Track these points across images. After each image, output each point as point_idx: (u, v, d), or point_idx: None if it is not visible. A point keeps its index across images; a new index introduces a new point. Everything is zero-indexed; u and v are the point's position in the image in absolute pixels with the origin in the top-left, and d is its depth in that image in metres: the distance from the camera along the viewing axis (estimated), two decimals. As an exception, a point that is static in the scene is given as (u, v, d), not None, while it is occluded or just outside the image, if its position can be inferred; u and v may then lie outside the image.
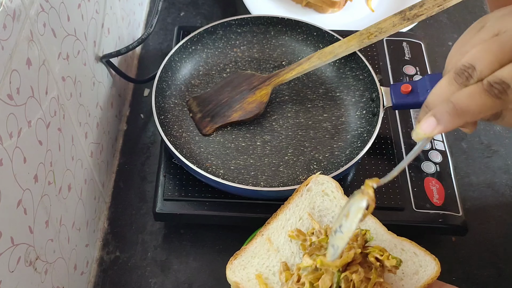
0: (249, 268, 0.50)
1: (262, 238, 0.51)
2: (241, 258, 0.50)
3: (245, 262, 0.50)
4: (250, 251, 0.51)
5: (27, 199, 0.44)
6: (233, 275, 0.49)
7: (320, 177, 0.53)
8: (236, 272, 0.50)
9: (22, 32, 0.43)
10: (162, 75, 0.70)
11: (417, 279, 0.49)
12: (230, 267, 0.50)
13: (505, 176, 0.74)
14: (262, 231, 0.52)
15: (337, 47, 0.69)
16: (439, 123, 0.40)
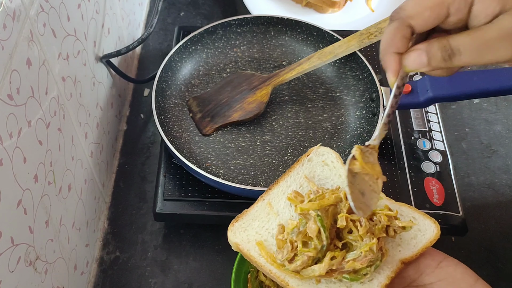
0: (249, 230, 0.51)
1: (263, 202, 0.52)
2: (242, 221, 0.51)
3: (245, 225, 0.51)
4: (251, 215, 0.52)
5: (27, 199, 0.44)
6: (234, 236, 0.50)
7: (321, 148, 0.54)
8: (237, 233, 0.50)
9: (22, 32, 0.43)
10: (162, 75, 0.70)
11: (414, 243, 0.49)
12: (232, 229, 0.51)
13: (505, 176, 0.74)
14: (263, 196, 0.52)
15: (337, 47, 0.69)
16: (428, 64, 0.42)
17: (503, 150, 0.77)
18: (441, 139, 0.70)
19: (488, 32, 0.40)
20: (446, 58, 0.41)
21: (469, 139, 0.78)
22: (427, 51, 0.42)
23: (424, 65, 0.42)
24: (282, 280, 0.47)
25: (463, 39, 0.41)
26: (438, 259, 0.49)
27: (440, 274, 0.48)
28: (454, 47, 0.41)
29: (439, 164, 0.67)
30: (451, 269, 0.49)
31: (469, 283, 0.48)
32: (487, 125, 0.79)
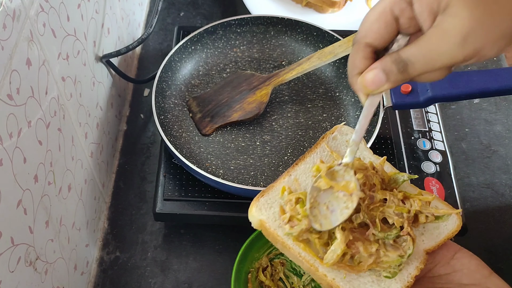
0: (275, 207, 0.48)
1: (290, 178, 0.50)
2: (267, 196, 0.49)
3: (271, 201, 0.49)
4: (277, 190, 0.49)
5: (27, 199, 0.44)
6: (259, 212, 0.48)
7: (344, 127, 0.54)
8: (262, 210, 0.48)
9: (22, 32, 0.43)
10: (162, 75, 0.70)
11: (437, 233, 0.49)
12: (257, 204, 0.48)
13: (505, 176, 0.74)
14: (289, 171, 0.51)
15: (337, 47, 0.69)
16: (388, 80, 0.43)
17: (503, 150, 0.77)
18: (441, 139, 0.70)
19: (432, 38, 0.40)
20: (401, 70, 0.42)
21: (469, 139, 0.78)
22: (382, 68, 0.42)
23: (383, 81, 0.43)
24: (311, 265, 0.46)
25: (411, 50, 0.41)
26: (453, 250, 0.50)
27: (456, 265, 0.49)
28: (405, 58, 0.41)
29: (439, 164, 0.67)
30: (466, 261, 0.49)
31: (484, 274, 0.48)
32: (487, 125, 0.79)
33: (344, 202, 0.46)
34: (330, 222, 0.46)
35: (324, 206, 0.46)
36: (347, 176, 0.47)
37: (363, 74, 0.44)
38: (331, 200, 0.46)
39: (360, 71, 0.44)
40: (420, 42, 0.41)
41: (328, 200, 0.47)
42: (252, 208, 0.48)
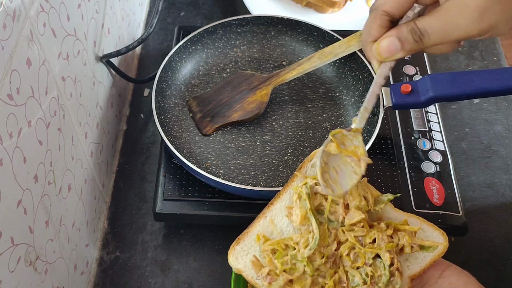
0: (252, 253, 0.47)
1: (265, 220, 0.49)
2: (243, 243, 0.48)
3: (248, 247, 0.48)
4: (252, 235, 0.48)
5: (27, 199, 0.44)
6: (236, 261, 0.47)
7: None
8: (239, 258, 0.47)
9: (22, 32, 0.43)
10: (162, 75, 0.70)
11: (422, 257, 0.48)
12: (233, 253, 0.48)
13: (505, 176, 0.74)
14: (265, 212, 0.50)
15: (337, 47, 0.69)
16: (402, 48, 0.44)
17: (503, 150, 0.77)
18: (441, 139, 0.69)
19: (449, 10, 0.41)
20: (417, 39, 0.42)
21: (469, 139, 0.78)
22: (398, 36, 0.43)
23: (398, 50, 0.43)
24: None
25: (428, 20, 0.42)
26: (441, 268, 0.49)
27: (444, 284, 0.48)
28: (422, 28, 0.42)
29: (439, 164, 0.67)
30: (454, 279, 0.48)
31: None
32: (487, 125, 0.79)
33: (352, 167, 0.46)
34: (341, 186, 0.46)
35: (333, 170, 0.46)
36: (355, 141, 0.47)
37: (378, 41, 0.44)
38: (340, 164, 0.47)
39: (374, 38, 0.45)
40: (438, 14, 0.42)
41: (337, 164, 0.47)
42: (229, 257, 0.48)
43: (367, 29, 0.46)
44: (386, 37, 0.44)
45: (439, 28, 0.42)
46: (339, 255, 0.47)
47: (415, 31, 0.42)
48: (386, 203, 0.49)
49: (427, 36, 0.42)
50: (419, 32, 0.42)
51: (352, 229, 0.47)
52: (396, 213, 0.50)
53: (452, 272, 0.49)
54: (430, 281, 0.48)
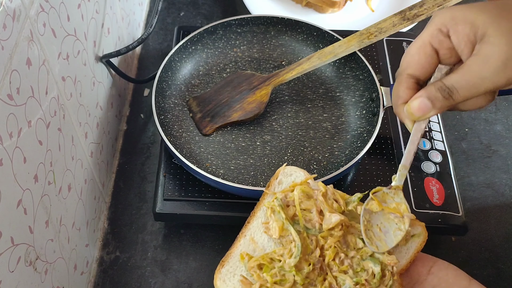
0: (238, 274, 0.47)
1: (246, 239, 0.49)
2: (228, 265, 0.48)
3: (233, 268, 0.48)
4: (236, 256, 0.49)
5: (27, 199, 0.44)
6: (224, 284, 0.47)
7: (288, 168, 0.53)
8: (226, 281, 0.47)
9: (22, 32, 0.43)
10: (162, 75, 0.70)
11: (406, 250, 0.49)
12: (219, 277, 0.47)
13: (505, 176, 0.74)
14: (243, 231, 0.50)
15: (337, 47, 0.69)
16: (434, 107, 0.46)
17: (503, 150, 0.77)
18: (441, 139, 0.69)
19: (473, 65, 0.43)
20: (446, 96, 0.45)
21: (469, 139, 0.78)
22: (427, 96, 0.46)
23: (430, 108, 0.46)
24: None
25: (454, 77, 0.44)
26: (428, 264, 0.49)
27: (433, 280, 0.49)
28: (449, 86, 0.44)
29: (439, 164, 0.67)
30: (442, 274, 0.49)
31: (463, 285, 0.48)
32: (487, 125, 0.79)
33: (396, 223, 0.48)
34: (386, 243, 0.47)
35: (377, 228, 0.48)
36: (396, 198, 0.49)
37: (409, 102, 0.47)
38: (383, 222, 0.48)
39: (404, 101, 0.48)
40: (462, 70, 0.44)
41: (380, 221, 0.48)
42: (216, 281, 0.48)
43: (395, 93, 0.48)
44: (415, 98, 0.46)
45: (466, 82, 0.43)
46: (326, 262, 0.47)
47: (443, 89, 0.44)
48: (357, 201, 0.50)
49: (456, 92, 0.44)
50: (447, 89, 0.44)
51: (331, 234, 0.47)
52: None
53: (440, 267, 0.49)
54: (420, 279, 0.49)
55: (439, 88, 0.45)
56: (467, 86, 0.44)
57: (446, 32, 0.46)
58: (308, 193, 0.50)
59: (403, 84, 0.48)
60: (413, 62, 0.47)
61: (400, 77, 0.48)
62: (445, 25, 0.46)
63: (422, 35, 0.47)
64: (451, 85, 0.44)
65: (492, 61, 0.42)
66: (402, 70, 0.48)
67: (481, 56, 0.43)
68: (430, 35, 0.46)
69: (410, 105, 0.47)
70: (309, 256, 0.47)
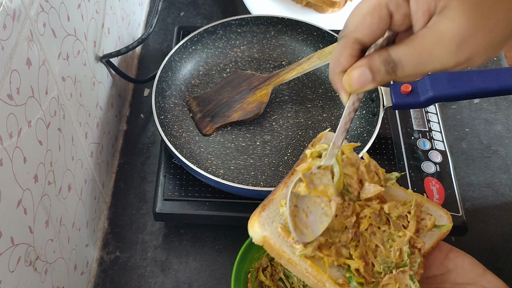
0: (277, 221, 0.45)
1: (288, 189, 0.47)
2: (269, 210, 0.46)
3: (273, 214, 0.46)
4: (276, 203, 0.47)
5: (27, 199, 0.44)
6: (263, 228, 0.45)
7: (330, 134, 0.52)
8: (265, 225, 0.45)
9: (22, 32, 0.43)
10: (162, 75, 0.70)
11: (430, 235, 0.49)
12: (259, 220, 0.45)
13: (505, 176, 0.74)
14: (286, 181, 0.49)
15: (337, 47, 0.69)
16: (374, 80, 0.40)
17: (503, 150, 0.77)
18: (441, 139, 0.69)
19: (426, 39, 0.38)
20: (389, 71, 0.40)
21: (469, 139, 0.78)
22: (369, 66, 0.40)
23: (369, 81, 0.40)
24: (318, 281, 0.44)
25: (403, 50, 0.39)
26: (445, 250, 0.50)
27: (449, 265, 0.49)
28: (396, 59, 0.39)
29: (439, 164, 0.67)
30: (459, 260, 0.49)
31: (478, 273, 0.48)
32: (487, 125, 0.79)
33: (322, 208, 0.44)
34: (312, 231, 0.44)
35: (303, 213, 0.44)
36: (324, 179, 0.45)
37: (348, 71, 0.41)
38: (309, 206, 0.44)
39: (344, 69, 0.42)
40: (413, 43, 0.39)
41: (306, 206, 0.45)
42: (254, 223, 0.46)
43: (335, 58, 0.42)
44: (356, 67, 0.41)
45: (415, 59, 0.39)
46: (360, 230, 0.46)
47: (388, 62, 0.39)
48: (395, 179, 0.49)
49: (401, 68, 0.39)
50: (392, 63, 0.39)
51: (368, 204, 0.47)
52: (402, 192, 0.51)
53: (457, 254, 0.50)
54: (436, 263, 0.49)
55: (383, 61, 0.39)
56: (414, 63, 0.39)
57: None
58: (351, 160, 0.48)
59: (348, 49, 0.41)
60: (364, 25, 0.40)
61: (345, 40, 0.41)
62: None
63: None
64: (397, 58, 0.39)
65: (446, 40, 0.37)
66: (349, 33, 0.41)
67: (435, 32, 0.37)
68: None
69: (350, 75, 0.41)
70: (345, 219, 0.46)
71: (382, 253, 0.46)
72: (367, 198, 0.47)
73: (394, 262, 0.46)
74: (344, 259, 0.45)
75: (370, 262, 0.46)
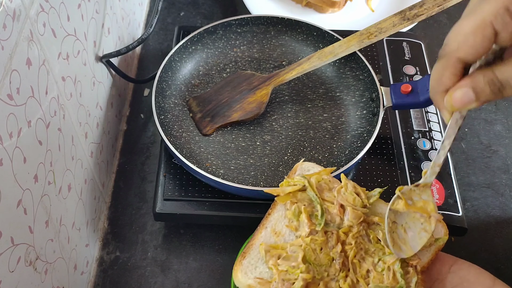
0: (260, 266, 0.45)
1: (267, 230, 0.48)
2: (250, 257, 0.46)
3: (254, 261, 0.46)
4: (257, 248, 0.47)
5: (27, 199, 0.44)
6: (245, 277, 0.45)
7: (305, 164, 0.52)
8: (248, 273, 0.45)
9: (22, 32, 0.43)
10: (162, 75, 0.70)
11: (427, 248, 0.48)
12: (241, 269, 0.45)
13: (505, 176, 0.74)
14: (264, 223, 0.49)
15: (337, 47, 0.69)
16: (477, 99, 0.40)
17: (503, 150, 0.77)
18: (441, 139, 0.69)
19: None
20: (496, 91, 0.39)
21: (469, 139, 0.78)
22: (473, 87, 0.39)
23: (472, 101, 0.40)
24: None
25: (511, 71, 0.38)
26: (448, 263, 0.48)
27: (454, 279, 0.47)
28: (503, 79, 0.38)
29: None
30: (464, 272, 0.47)
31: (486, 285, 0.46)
32: (487, 125, 0.79)
33: (421, 223, 0.44)
34: (410, 247, 0.44)
35: (402, 229, 0.45)
36: (424, 196, 0.45)
37: (450, 92, 0.41)
38: (408, 222, 0.45)
39: (447, 88, 0.41)
40: None
41: (405, 221, 0.45)
42: (237, 273, 0.45)
43: (437, 77, 0.41)
44: (459, 87, 0.40)
45: None
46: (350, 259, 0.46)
47: (494, 83, 0.38)
48: (377, 196, 0.49)
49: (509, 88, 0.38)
50: (499, 83, 0.38)
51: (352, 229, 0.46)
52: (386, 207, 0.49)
53: (461, 266, 0.48)
54: (440, 278, 0.47)
55: (489, 81, 0.38)
56: None
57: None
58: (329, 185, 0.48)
59: (450, 69, 0.40)
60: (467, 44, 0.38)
61: (446, 59, 0.40)
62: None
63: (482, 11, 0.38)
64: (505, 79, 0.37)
65: None
66: (451, 52, 0.40)
67: None
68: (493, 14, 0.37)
69: (452, 95, 0.40)
70: (330, 250, 0.45)
71: (375, 278, 0.45)
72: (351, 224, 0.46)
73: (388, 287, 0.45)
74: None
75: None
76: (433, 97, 0.43)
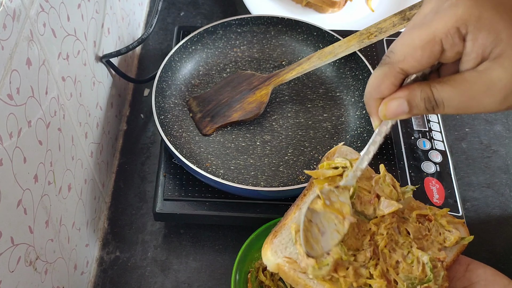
0: (290, 247, 0.45)
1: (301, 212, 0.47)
2: (281, 237, 0.46)
3: (285, 241, 0.46)
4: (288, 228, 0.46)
5: (27, 199, 0.44)
6: (275, 256, 0.44)
7: (344, 147, 0.52)
8: (278, 252, 0.44)
9: (22, 32, 0.43)
10: (162, 75, 0.70)
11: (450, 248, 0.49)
12: (271, 247, 0.45)
13: (505, 176, 0.74)
14: (298, 203, 0.48)
15: (337, 47, 0.69)
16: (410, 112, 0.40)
17: (503, 150, 0.77)
18: (441, 139, 0.69)
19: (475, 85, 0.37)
20: (429, 108, 0.39)
21: (469, 139, 0.78)
22: (408, 100, 0.40)
23: (405, 113, 0.40)
24: None
25: (448, 92, 0.38)
26: (465, 263, 0.50)
27: (471, 277, 0.48)
28: (438, 99, 0.39)
29: (439, 164, 0.67)
30: (480, 271, 0.49)
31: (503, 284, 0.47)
32: (487, 125, 0.79)
33: (335, 224, 0.44)
34: (321, 247, 0.44)
35: (316, 228, 0.44)
36: (342, 197, 0.45)
37: (386, 101, 0.41)
38: (322, 221, 0.44)
39: (383, 96, 0.41)
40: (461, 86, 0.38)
41: (320, 221, 0.45)
42: (267, 251, 0.45)
43: (375, 83, 0.41)
44: (395, 98, 0.40)
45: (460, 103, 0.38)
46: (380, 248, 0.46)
47: (430, 101, 0.39)
48: (411, 192, 0.49)
49: (442, 108, 0.39)
50: (434, 102, 0.39)
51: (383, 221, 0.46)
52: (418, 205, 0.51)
53: (477, 266, 0.49)
54: (458, 275, 0.49)
55: (425, 98, 0.39)
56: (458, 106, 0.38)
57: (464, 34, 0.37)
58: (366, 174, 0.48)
59: (391, 78, 0.40)
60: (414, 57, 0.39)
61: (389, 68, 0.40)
62: (466, 25, 0.37)
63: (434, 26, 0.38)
64: (440, 99, 0.38)
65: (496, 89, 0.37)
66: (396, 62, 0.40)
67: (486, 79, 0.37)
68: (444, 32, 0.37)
69: (388, 105, 0.41)
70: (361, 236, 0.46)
71: (404, 269, 0.45)
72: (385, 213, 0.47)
73: (417, 278, 0.45)
74: (364, 280, 0.44)
75: (392, 280, 0.45)
76: (367, 102, 0.43)
